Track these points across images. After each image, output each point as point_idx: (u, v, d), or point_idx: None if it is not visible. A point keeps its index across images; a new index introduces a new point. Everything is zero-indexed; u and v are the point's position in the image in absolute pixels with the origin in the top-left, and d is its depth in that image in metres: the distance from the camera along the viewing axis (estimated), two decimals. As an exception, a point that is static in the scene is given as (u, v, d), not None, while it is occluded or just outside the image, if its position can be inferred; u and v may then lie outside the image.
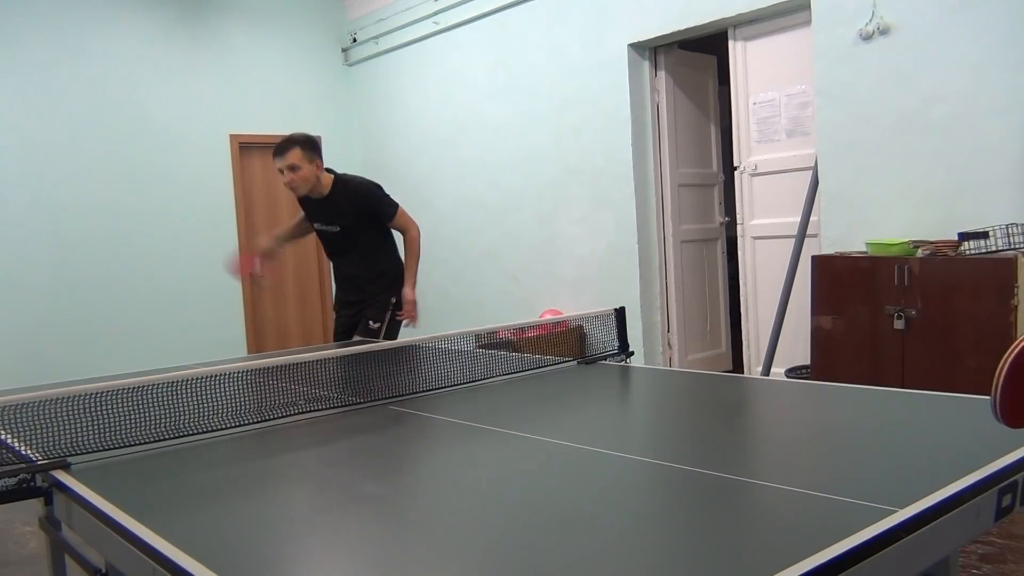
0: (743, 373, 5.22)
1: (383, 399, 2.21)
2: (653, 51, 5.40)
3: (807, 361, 4.19)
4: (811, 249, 4.36)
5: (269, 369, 2.50)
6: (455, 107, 6.62)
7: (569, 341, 4.35)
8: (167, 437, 1.86)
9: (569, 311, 5.62)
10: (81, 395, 1.87)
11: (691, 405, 2.13)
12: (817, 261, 4.03)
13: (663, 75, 5.42)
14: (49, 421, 1.83)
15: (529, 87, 5.98)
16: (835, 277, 3.92)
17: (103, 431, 1.81)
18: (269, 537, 1.25)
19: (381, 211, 3.71)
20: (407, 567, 1.12)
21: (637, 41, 5.24)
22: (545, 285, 6.08)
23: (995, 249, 3.47)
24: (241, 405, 2.09)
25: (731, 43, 4.97)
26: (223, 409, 2.03)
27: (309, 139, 3.61)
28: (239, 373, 2.27)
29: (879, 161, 4.11)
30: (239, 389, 2.19)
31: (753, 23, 4.84)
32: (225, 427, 1.95)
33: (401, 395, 2.25)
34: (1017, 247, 3.47)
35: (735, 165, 5.06)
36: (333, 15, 7.52)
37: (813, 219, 4.43)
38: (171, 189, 6.67)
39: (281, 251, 3.96)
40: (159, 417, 1.97)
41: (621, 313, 2.78)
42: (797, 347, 4.59)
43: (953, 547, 1.42)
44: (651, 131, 5.43)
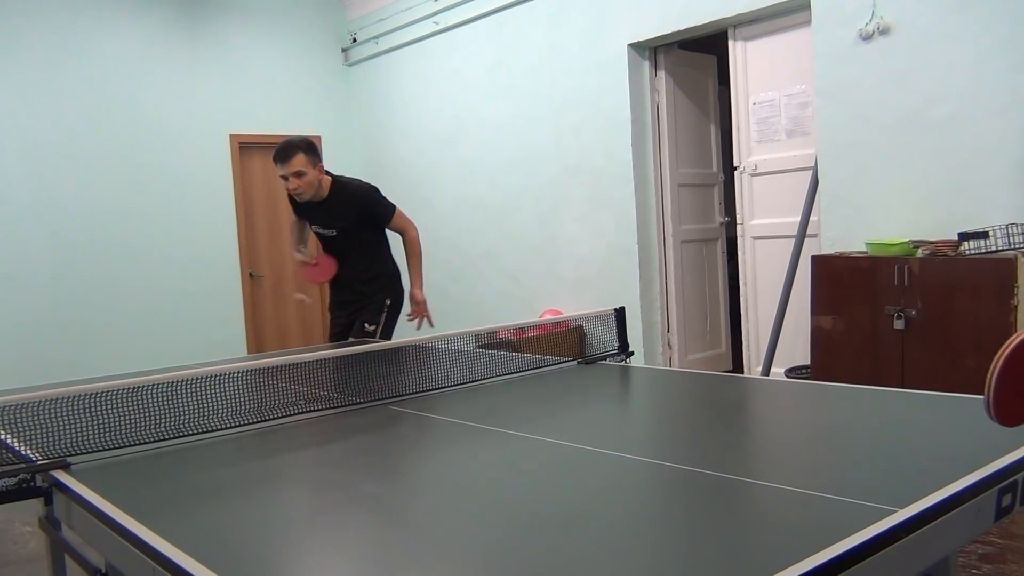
0: (743, 373, 5.22)
1: (383, 399, 2.21)
2: (653, 51, 5.40)
3: (807, 361, 4.19)
4: (811, 249, 4.36)
5: (269, 369, 2.50)
6: (455, 107, 6.62)
7: (569, 341, 4.36)
8: (167, 437, 1.86)
9: (569, 311, 5.62)
10: (81, 395, 1.87)
11: (691, 405, 2.13)
12: (817, 261, 4.04)
13: (663, 75, 5.42)
14: (49, 421, 1.83)
15: (529, 87, 5.98)
16: (835, 277, 3.92)
17: (103, 431, 1.81)
18: (269, 537, 1.25)
19: (380, 213, 3.71)
20: (407, 567, 1.12)
21: (637, 41, 5.24)
22: (545, 285, 6.08)
23: (995, 249, 3.47)
24: (241, 405, 2.09)
25: (731, 43, 4.97)
26: (223, 409, 2.03)
27: (310, 143, 3.61)
28: (239, 373, 2.27)
29: (879, 161, 4.11)
30: (239, 389, 2.19)
31: (753, 23, 4.84)
32: (225, 427, 1.95)
33: (401, 395, 2.25)
34: (1017, 247, 3.47)
35: (735, 165, 5.06)
36: (333, 15, 7.52)
37: (813, 219, 4.43)
38: (171, 189, 6.67)
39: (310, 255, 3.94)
40: (159, 417, 1.98)
41: (621, 313, 2.78)
42: (797, 347, 4.60)
43: (953, 547, 1.42)
44: (651, 131, 5.43)
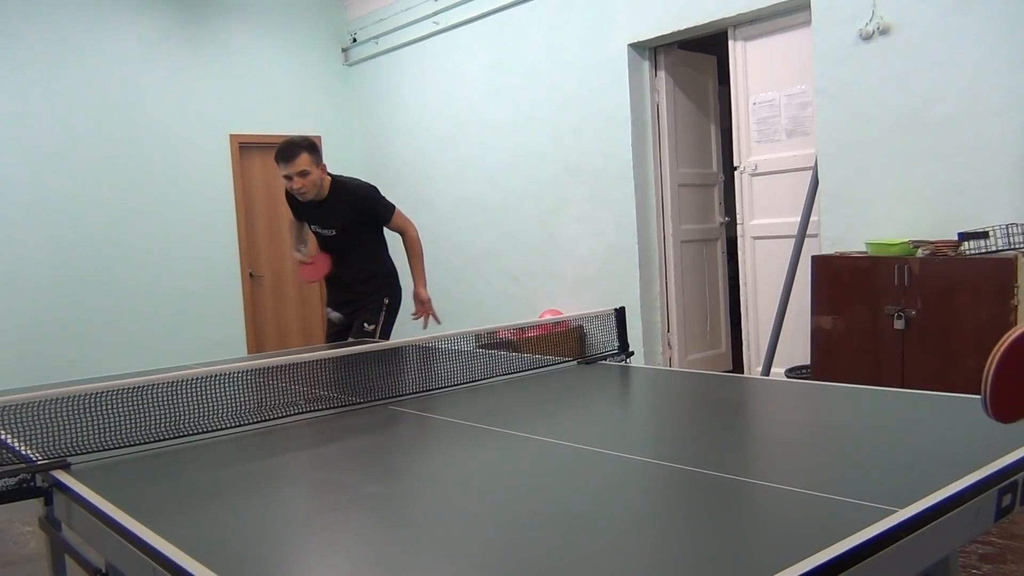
0: (743, 373, 5.22)
1: (383, 399, 2.21)
2: (653, 51, 5.40)
3: (807, 361, 4.19)
4: (811, 249, 4.36)
5: (269, 369, 2.50)
6: (455, 107, 6.62)
7: (569, 341, 4.36)
8: (167, 437, 1.86)
9: (569, 311, 5.62)
10: (81, 395, 1.87)
11: (691, 405, 2.13)
12: (817, 261, 4.04)
13: (663, 75, 5.42)
14: (49, 421, 1.83)
15: (529, 87, 5.98)
16: (835, 277, 3.92)
17: (103, 431, 1.81)
18: (269, 537, 1.25)
19: (379, 213, 3.71)
20: (407, 567, 1.12)
21: (637, 41, 5.24)
22: (545, 285, 6.08)
23: (995, 249, 3.47)
24: (241, 405, 2.09)
25: (731, 43, 4.97)
26: (223, 409, 2.03)
27: (312, 142, 3.61)
28: (239, 373, 2.27)
29: (879, 161, 4.11)
30: (239, 389, 2.19)
31: (753, 23, 4.84)
32: (225, 427, 1.95)
33: (401, 395, 2.25)
34: (1017, 247, 3.47)
35: (735, 165, 5.06)
36: (333, 15, 7.52)
37: (813, 219, 4.43)
38: (171, 189, 6.67)
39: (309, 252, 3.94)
40: (159, 417, 1.98)
41: (621, 313, 2.78)
42: (797, 347, 4.60)
43: (953, 547, 1.42)
44: (651, 131, 5.43)
